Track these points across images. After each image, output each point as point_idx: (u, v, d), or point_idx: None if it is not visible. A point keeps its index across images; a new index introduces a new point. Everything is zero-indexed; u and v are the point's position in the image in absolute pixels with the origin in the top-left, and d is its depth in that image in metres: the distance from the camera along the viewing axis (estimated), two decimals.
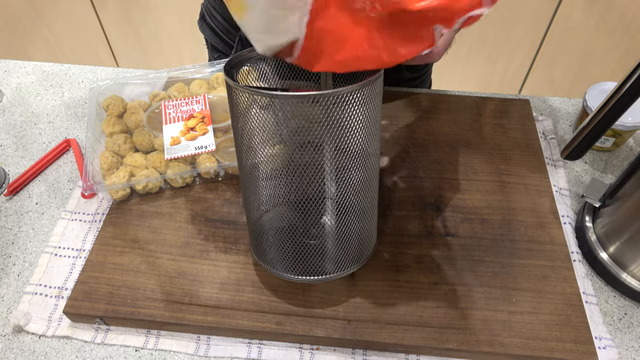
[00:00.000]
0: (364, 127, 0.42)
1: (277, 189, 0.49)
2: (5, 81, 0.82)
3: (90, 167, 0.62)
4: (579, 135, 0.54)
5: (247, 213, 0.53)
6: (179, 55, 1.83)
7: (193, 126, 0.65)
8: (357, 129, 0.42)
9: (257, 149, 0.45)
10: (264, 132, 0.43)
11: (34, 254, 0.61)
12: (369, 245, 0.52)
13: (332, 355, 0.53)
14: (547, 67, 1.66)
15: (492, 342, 0.51)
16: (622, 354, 0.52)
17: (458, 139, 0.69)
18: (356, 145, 0.43)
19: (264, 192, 0.50)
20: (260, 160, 0.46)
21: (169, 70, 0.72)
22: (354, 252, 0.50)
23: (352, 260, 0.50)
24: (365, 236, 0.51)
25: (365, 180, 0.47)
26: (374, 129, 0.44)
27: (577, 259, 0.58)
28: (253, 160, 0.46)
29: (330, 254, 0.49)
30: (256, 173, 0.48)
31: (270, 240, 0.51)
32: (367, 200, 0.48)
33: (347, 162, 0.44)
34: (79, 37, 1.82)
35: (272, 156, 0.45)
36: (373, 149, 0.45)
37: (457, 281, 0.55)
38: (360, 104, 0.41)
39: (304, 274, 0.50)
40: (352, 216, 0.49)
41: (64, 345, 0.54)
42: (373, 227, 0.52)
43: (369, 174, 0.47)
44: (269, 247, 0.52)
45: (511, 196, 0.62)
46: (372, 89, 0.41)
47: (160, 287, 0.55)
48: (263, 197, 0.51)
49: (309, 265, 0.49)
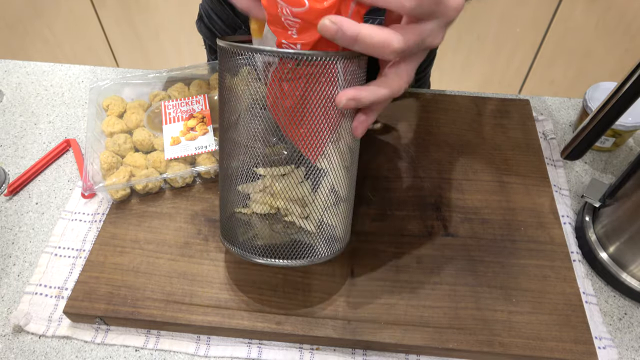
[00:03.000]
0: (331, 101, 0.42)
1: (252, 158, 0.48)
2: (5, 81, 0.82)
3: (90, 167, 0.62)
4: (579, 135, 0.54)
5: (223, 195, 0.52)
6: (179, 55, 1.83)
7: (193, 126, 0.65)
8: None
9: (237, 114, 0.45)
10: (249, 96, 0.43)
11: (34, 254, 0.61)
12: (338, 238, 0.51)
13: (332, 355, 0.53)
14: (547, 67, 1.66)
15: (492, 342, 0.51)
16: (622, 354, 0.52)
17: (458, 139, 0.69)
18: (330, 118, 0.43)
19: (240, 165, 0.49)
20: (240, 134, 0.46)
21: (168, 70, 0.72)
22: (321, 245, 0.49)
23: (315, 252, 0.49)
24: (334, 225, 0.50)
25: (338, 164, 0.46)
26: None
27: (577, 259, 0.58)
28: (234, 135, 0.46)
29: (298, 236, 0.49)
30: (235, 147, 0.47)
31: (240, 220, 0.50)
32: (342, 186, 0.48)
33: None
34: (79, 37, 1.82)
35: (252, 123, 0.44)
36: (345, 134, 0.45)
37: (457, 281, 0.55)
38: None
39: (271, 256, 0.48)
40: (324, 195, 0.48)
41: (64, 345, 0.54)
42: (345, 218, 0.51)
43: (350, 165, 0.47)
44: (238, 227, 0.51)
45: (511, 196, 0.62)
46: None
47: (160, 287, 0.55)
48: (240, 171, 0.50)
49: (274, 247, 0.48)
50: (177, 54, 1.83)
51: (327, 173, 0.46)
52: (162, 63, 1.86)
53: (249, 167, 0.48)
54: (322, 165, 0.46)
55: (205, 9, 0.83)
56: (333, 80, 0.41)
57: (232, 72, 0.44)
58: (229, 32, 0.80)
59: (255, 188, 0.49)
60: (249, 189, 0.50)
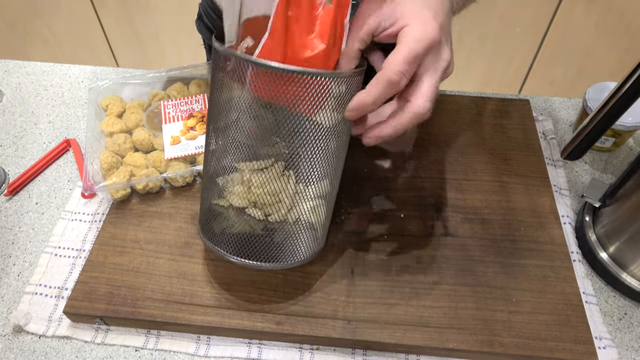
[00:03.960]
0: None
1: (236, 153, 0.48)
2: (5, 81, 0.82)
3: (90, 167, 0.62)
4: (579, 135, 0.54)
5: (204, 187, 0.52)
6: (179, 55, 1.83)
7: (193, 125, 0.65)
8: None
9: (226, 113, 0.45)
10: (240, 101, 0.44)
11: (34, 254, 0.61)
12: (315, 244, 0.51)
13: (332, 355, 0.53)
14: (547, 67, 1.66)
15: (492, 342, 0.51)
16: (622, 354, 0.52)
17: (458, 139, 0.69)
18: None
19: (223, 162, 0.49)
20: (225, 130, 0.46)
21: (168, 70, 0.72)
22: (299, 246, 0.50)
23: (292, 254, 0.50)
24: (310, 227, 0.50)
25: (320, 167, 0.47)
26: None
27: (577, 259, 0.58)
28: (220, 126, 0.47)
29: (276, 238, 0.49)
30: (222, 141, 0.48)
31: (220, 219, 0.51)
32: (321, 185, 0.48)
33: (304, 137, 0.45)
34: (79, 37, 1.82)
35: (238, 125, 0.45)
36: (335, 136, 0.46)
37: (457, 281, 0.55)
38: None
39: (245, 257, 0.48)
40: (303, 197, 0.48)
41: (64, 345, 0.54)
42: (323, 229, 0.52)
43: (332, 166, 0.47)
44: (214, 219, 0.51)
45: (511, 196, 0.62)
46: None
47: (160, 287, 0.55)
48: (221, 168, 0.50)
49: (251, 246, 0.48)
50: (177, 53, 1.83)
51: (307, 170, 0.47)
52: (162, 63, 1.86)
53: (230, 161, 0.48)
54: (303, 163, 0.46)
55: (204, 8, 0.83)
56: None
57: (219, 69, 0.45)
58: None
59: (234, 181, 0.49)
60: (227, 182, 0.50)
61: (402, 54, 0.42)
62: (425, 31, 0.42)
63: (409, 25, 0.42)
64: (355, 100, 0.43)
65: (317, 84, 0.41)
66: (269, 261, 0.49)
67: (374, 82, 0.43)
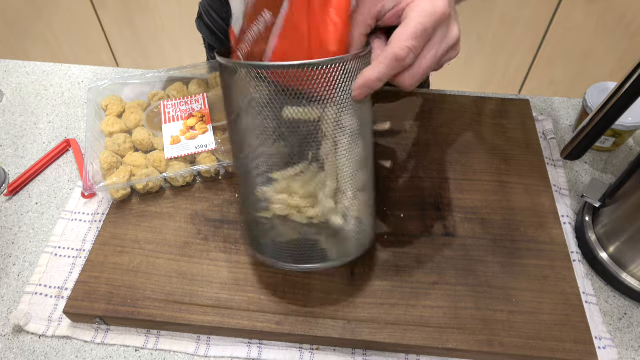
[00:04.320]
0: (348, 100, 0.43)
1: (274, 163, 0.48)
2: (5, 81, 0.82)
3: (90, 167, 0.62)
4: (579, 135, 0.54)
5: (243, 201, 0.52)
6: (179, 55, 1.83)
7: (193, 125, 0.65)
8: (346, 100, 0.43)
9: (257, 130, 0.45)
10: (265, 111, 0.43)
11: (34, 254, 0.61)
12: (365, 236, 0.51)
13: (332, 355, 0.53)
14: (547, 67, 1.66)
15: (492, 342, 0.51)
16: (622, 354, 0.52)
17: (458, 139, 0.69)
18: (349, 118, 0.44)
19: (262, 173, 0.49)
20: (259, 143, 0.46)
21: (167, 70, 0.72)
22: (350, 240, 0.49)
23: (345, 250, 0.50)
24: (361, 225, 0.50)
25: (358, 162, 0.47)
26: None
27: (577, 259, 0.58)
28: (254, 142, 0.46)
29: (326, 239, 0.49)
30: (254, 154, 0.48)
31: (266, 227, 0.51)
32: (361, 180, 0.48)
33: (341, 137, 0.44)
34: (79, 37, 1.82)
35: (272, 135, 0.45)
36: (364, 127, 0.46)
37: (457, 281, 0.55)
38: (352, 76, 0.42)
39: (300, 262, 0.48)
40: (348, 198, 0.48)
41: (64, 345, 0.54)
42: (369, 218, 0.51)
43: (363, 157, 0.47)
44: (263, 236, 0.51)
45: (511, 196, 0.62)
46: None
47: (160, 287, 0.55)
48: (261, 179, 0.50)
49: (304, 251, 0.48)
50: (177, 53, 1.83)
51: (340, 163, 0.46)
52: (162, 63, 1.86)
53: (263, 172, 0.48)
54: (334, 157, 0.46)
55: (204, 7, 0.83)
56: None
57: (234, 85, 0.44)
58: (228, 30, 0.80)
59: (272, 192, 0.49)
60: (265, 194, 0.49)
61: (410, 28, 0.39)
62: (435, 5, 0.40)
63: (416, 0, 0.40)
64: (361, 77, 0.42)
65: (324, 74, 0.41)
66: (322, 262, 0.48)
67: (380, 58, 0.41)
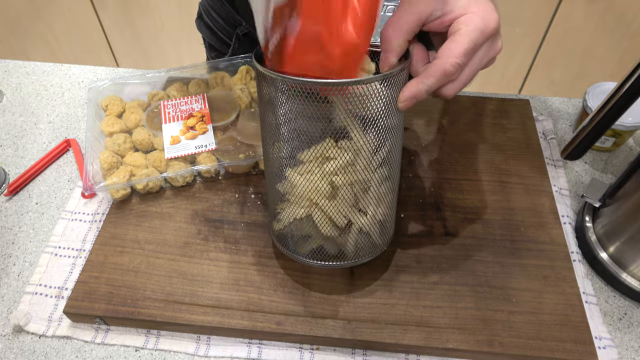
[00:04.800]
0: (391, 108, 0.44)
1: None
2: (5, 81, 0.82)
3: (90, 167, 0.62)
4: (579, 135, 0.54)
5: (270, 195, 0.53)
6: (179, 55, 1.83)
7: (192, 125, 0.65)
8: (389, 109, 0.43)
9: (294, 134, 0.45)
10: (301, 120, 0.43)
11: (34, 254, 0.61)
12: (388, 231, 0.52)
13: (332, 355, 0.53)
14: (547, 67, 1.66)
15: (492, 342, 0.51)
16: (622, 354, 0.52)
17: (458, 139, 0.69)
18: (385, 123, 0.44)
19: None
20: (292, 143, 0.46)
21: (167, 70, 0.72)
22: (375, 237, 0.50)
23: (372, 247, 0.51)
24: (386, 221, 0.51)
25: (390, 166, 0.47)
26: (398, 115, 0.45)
27: (577, 259, 0.58)
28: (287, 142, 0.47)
29: (353, 238, 0.49)
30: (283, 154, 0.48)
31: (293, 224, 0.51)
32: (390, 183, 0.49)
33: (376, 139, 0.44)
34: (79, 37, 1.82)
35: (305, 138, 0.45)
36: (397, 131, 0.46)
37: (457, 281, 0.55)
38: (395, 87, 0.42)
39: (324, 260, 0.50)
40: (374, 199, 0.48)
41: (64, 345, 0.54)
42: (393, 213, 0.52)
43: (393, 161, 0.48)
44: (290, 232, 0.52)
45: (511, 196, 0.62)
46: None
47: (160, 287, 0.55)
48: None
49: (329, 250, 0.50)
50: (177, 54, 1.83)
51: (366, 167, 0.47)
52: (162, 63, 1.86)
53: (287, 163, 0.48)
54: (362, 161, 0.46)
55: (205, 7, 0.83)
56: None
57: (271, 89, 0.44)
58: (229, 30, 0.80)
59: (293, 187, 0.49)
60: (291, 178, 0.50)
61: (462, 45, 0.40)
62: (486, 20, 0.40)
63: (468, 14, 0.40)
64: (409, 89, 0.41)
65: (362, 89, 0.40)
66: (345, 260, 0.50)
67: (429, 72, 0.41)
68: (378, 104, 0.42)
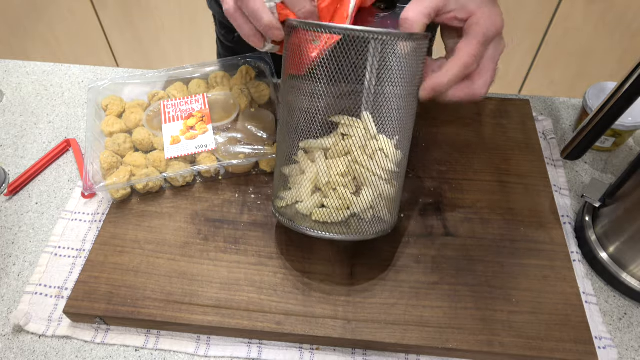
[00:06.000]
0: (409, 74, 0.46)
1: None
2: (5, 81, 0.82)
3: (90, 167, 0.62)
4: (579, 135, 0.54)
5: (279, 158, 0.53)
6: (179, 55, 1.83)
7: (193, 125, 0.65)
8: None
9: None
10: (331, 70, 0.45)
11: (34, 254, 0.61)
12: (393, 212, 0.52)
13: (332, 355, 0.53)
14: (547, 67, 1.66)
15: (492, 342, 0.51)
16: (622, 354, 0.52)
17: (458, 139, 0.69)
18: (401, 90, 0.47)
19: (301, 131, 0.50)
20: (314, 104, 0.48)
21: (167, 70, 0.72)
22: (379, 211, 0.50)
23: (376, 222, 0.50)
24: (392, 199, 0.51)
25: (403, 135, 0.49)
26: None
27: (577, 259, 0.58)
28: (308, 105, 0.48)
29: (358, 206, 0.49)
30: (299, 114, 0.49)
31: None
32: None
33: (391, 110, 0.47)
34: (79, 37, 1.82)
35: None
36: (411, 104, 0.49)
37: (457, 281, 0.55)
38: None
39: (326, 230, 0.49)
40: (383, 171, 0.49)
41: (64, 345, 0.54)
42: (400, 190, 0.52)
43: (407, 135, 0.50)
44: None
45: (511, 196, 0.62)
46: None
47: (160, 287, 0.55)
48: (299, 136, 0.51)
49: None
50: (177, 54, 1.83)
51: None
52: (162, 63, 1.86)
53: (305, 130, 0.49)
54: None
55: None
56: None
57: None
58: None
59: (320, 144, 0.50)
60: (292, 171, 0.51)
61: (477, 39, 0.46)
62: (495, 19, 0.46)
63: (478, 13, 0.46)
64: (433, 80, 0.47)
65: (388, 44, 0.44)
66: (347, 230, 0.49)
67: (450, 65, 0.46)
68: (401, 64, 0.45)
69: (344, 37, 0.43)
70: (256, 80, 0.71)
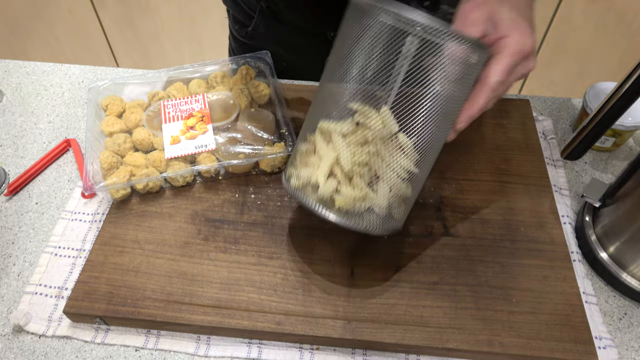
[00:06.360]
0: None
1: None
2: (5, 81, 0.82)
3: (91, 167, 0.62)
4: (579, 135, 0.54)
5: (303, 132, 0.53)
6: (179, 55, 1.83)
7: (193, 125, 0.65)
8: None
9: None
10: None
11: (34, 254, 0.61)
12: (405, 210, 0.51)
13: (332, 355, 0.53)
14: (547, 67, 1.66)
15: (492, 342, 0.51)
16: (622, 354, 0.52)
17: (458, 139, 0.68)
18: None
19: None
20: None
21: (167, 70, 0.72)
22: (394, 208, 0.49)
23: (386, 217, 0.49)
24: (409, 197, 0.50)
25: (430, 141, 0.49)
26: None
27: (577, 259, 0.58)
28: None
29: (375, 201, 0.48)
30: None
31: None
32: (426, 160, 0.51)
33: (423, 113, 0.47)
34: (79, 37, 1.82)
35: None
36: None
37: (457, 281, 0.55)
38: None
39: (325, 207, 0.47)
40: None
41: (64, 345, 0.54)
42: (415, 194, 0.52)
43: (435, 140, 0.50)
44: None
45: (511, 196, 0.62)
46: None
47: (160, 287, 0.55)
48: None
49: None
50: (177, 54, 1.83)
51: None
52: (162, 63, 1.86)
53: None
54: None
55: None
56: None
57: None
58: (253, 3, 0.80)
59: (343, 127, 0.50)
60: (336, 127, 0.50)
61: (503, 65, 0.46)
62: (524, 44, 0.46)
63: (509, 36, 0.46)
64: (466, 111, 0.48)
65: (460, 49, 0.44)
66: (352, 218, 0.47)
67: (478, 92, 0.47)
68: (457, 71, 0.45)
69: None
70: (256, 80, 0.71)
